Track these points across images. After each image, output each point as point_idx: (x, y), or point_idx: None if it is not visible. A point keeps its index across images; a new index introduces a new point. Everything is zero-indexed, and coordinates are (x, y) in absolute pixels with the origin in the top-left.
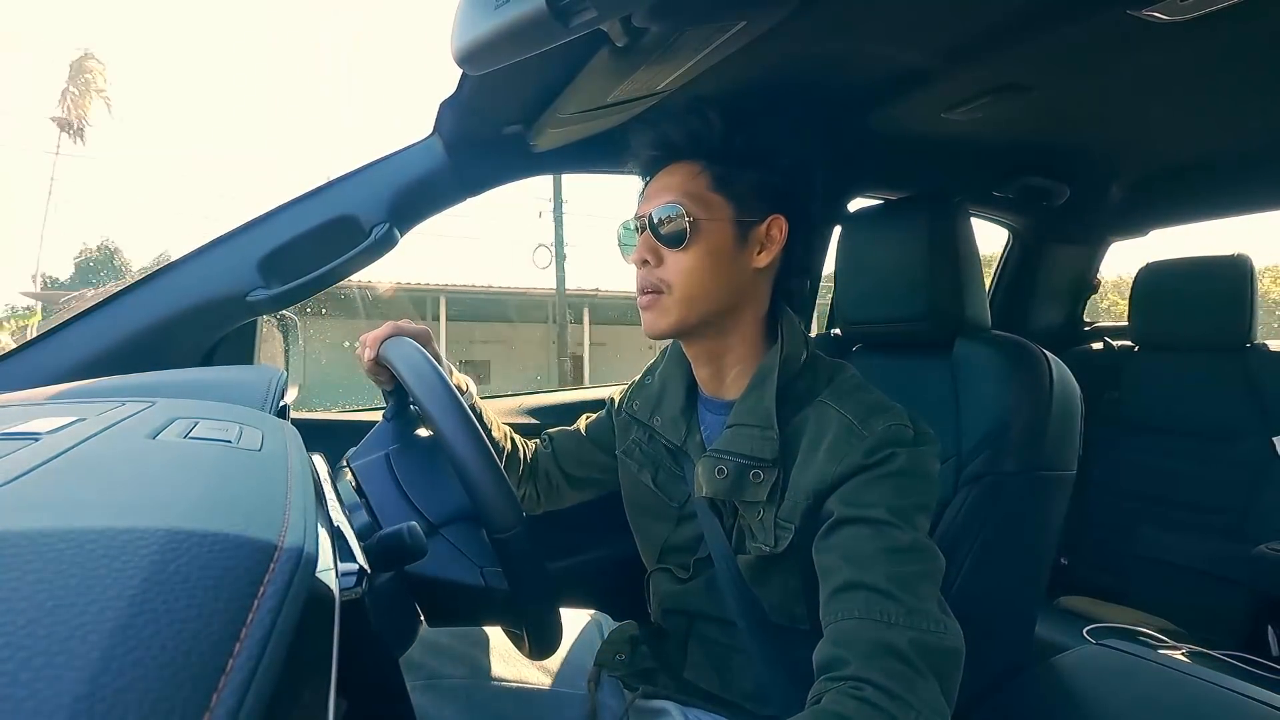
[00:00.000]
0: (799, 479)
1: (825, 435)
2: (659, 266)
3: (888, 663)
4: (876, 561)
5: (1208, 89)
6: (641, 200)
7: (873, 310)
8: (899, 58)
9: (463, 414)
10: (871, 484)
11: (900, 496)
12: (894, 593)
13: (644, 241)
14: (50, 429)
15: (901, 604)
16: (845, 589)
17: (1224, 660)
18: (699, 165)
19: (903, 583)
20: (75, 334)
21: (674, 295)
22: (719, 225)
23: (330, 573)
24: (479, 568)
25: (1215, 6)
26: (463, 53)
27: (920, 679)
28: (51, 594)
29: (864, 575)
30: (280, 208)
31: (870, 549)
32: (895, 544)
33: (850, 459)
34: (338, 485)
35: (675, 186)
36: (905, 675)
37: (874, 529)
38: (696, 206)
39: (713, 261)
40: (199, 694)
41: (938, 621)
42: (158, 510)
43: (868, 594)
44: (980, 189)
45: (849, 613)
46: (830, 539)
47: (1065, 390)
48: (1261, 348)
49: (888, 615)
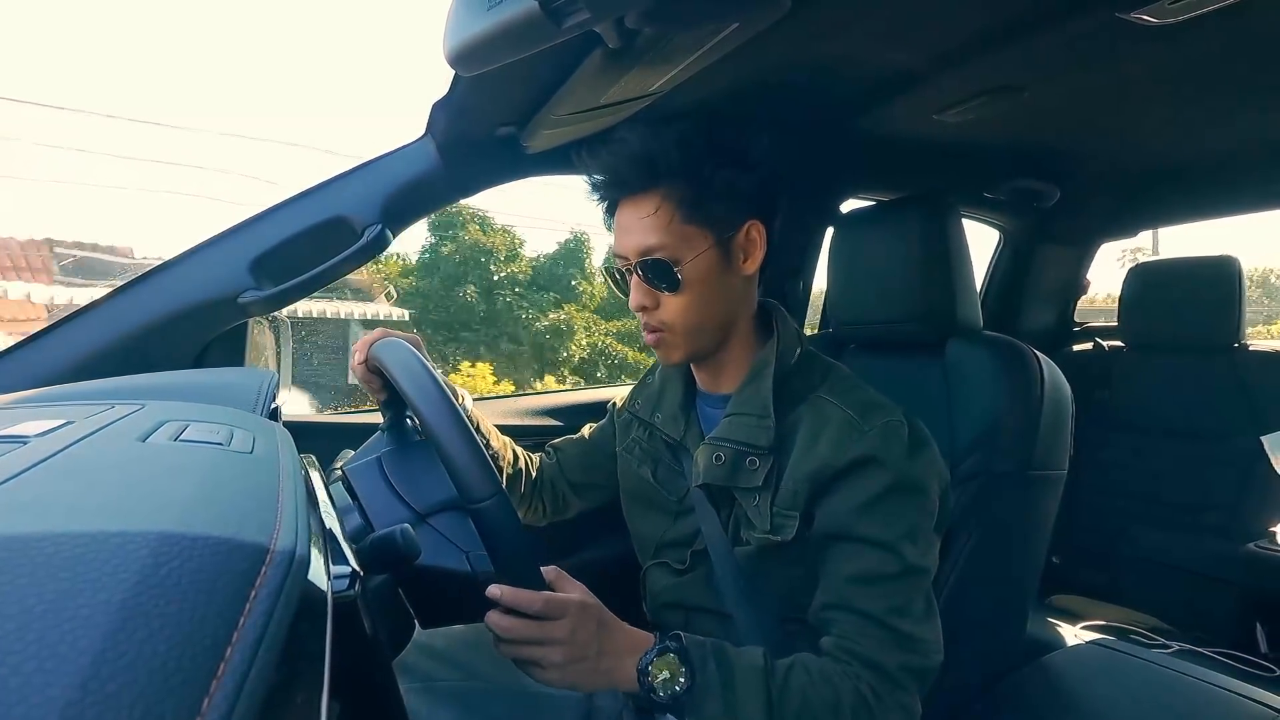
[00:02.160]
0: (797, 468)
1: (824, 428)
2: (657, 309)
3: (876, 675)
4: (873, 587)
5: (1197, 91)
6: (617, 234)
7: (865, 311)
8: (891, 60)
9: (440, 390)
10: (874, 501)
11: (899, 519)
12: (887, 621)
13: (638, 288)
14: (39, 432)
15: (893, 632)
16: (841, 608)
17: (1214, 658)
18: (664, 197)
19: (896, 610)
20: (65, 336)
21: (678, 333)
22: (704, 257)
23: (323, 575)
24: (464, 553)
25: (1204, 9)
26: (455, 53)
27: (901, 690)
28: (41, 598)
29: (859, 600)
30: (272, 209)
31: (868, 573)
32: (893, 571)
33: (851, 452)
34: (330, 488)
35: (648, 229)
36: (888, 685)
37: (875, 554)
38: (679, 245)
39: (707, 291)
40: (190, 698)
41: (924, 643)
42: (148, 513)
43: (861, 621)
44: (972, 190)
45: (844, 634)
46: (831, 550)
47: (1056, 390)
48: (1250, 348)
49: (879, 642)
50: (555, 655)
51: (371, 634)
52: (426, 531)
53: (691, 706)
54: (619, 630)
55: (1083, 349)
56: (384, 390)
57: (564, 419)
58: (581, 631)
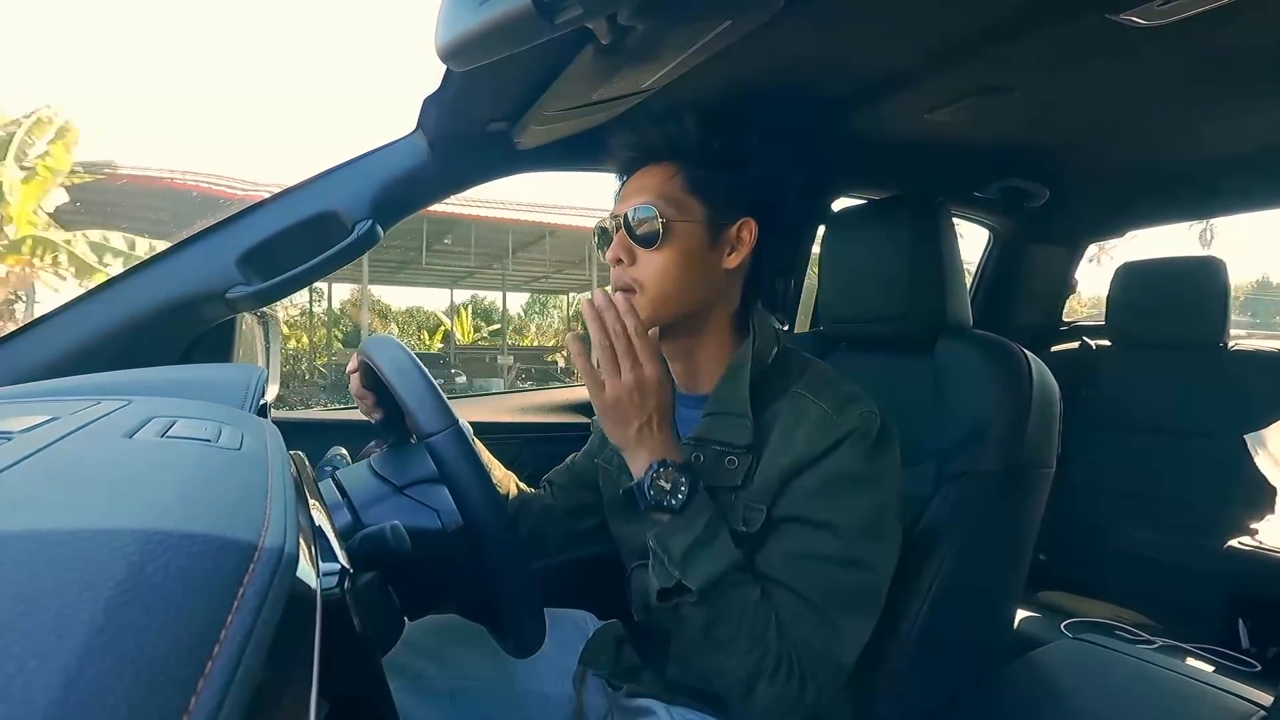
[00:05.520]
0: (771, 464)
1: (800, 424)
2: (632, 265)
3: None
4: (812, 567)
5: (1185, 92)
6: (618, 200)
7: (855, 309)
8: (882, 59)
9: (399, 345)
10: (830, 486)
11: (851, 508)
12: (818, 603)
13: (619, 241)
14: (23, 428)
15: (821, 616)
16: (776, 582)
17: (1197, 653)
18: (675, 167)
19: (830, 596)
20: (50, 330)
21: (646, 294)
22: (691, 227)
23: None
24: (435, 510)
25: (1192, 12)
26: (447, 49)
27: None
28: (25, 597)
29: (796, 579)
30: (261, 203)
31: (809, 551)
32: (834, 554)
33: (824, 445)
34: (319, 485)
35: (651, 188)
36: (798, 665)
37: (820, 535)
38: (670, 208)
39: (684, 261)
40: (177, 697)
41: (844, 640)
42: (134, 510)
43: (794, 598)
44: (962, 190)
45: (774, 596)
46: (780, 528)
47: (1044, 388)
48: (1234, 347)
49: (805, 623)
50: (612, 387)
51: (361, 631)
52: (401, 499)
53: (665, 526)
54: (665, 428)
55: (1070, 347)
56: (379, 408)
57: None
58: (641, 395)
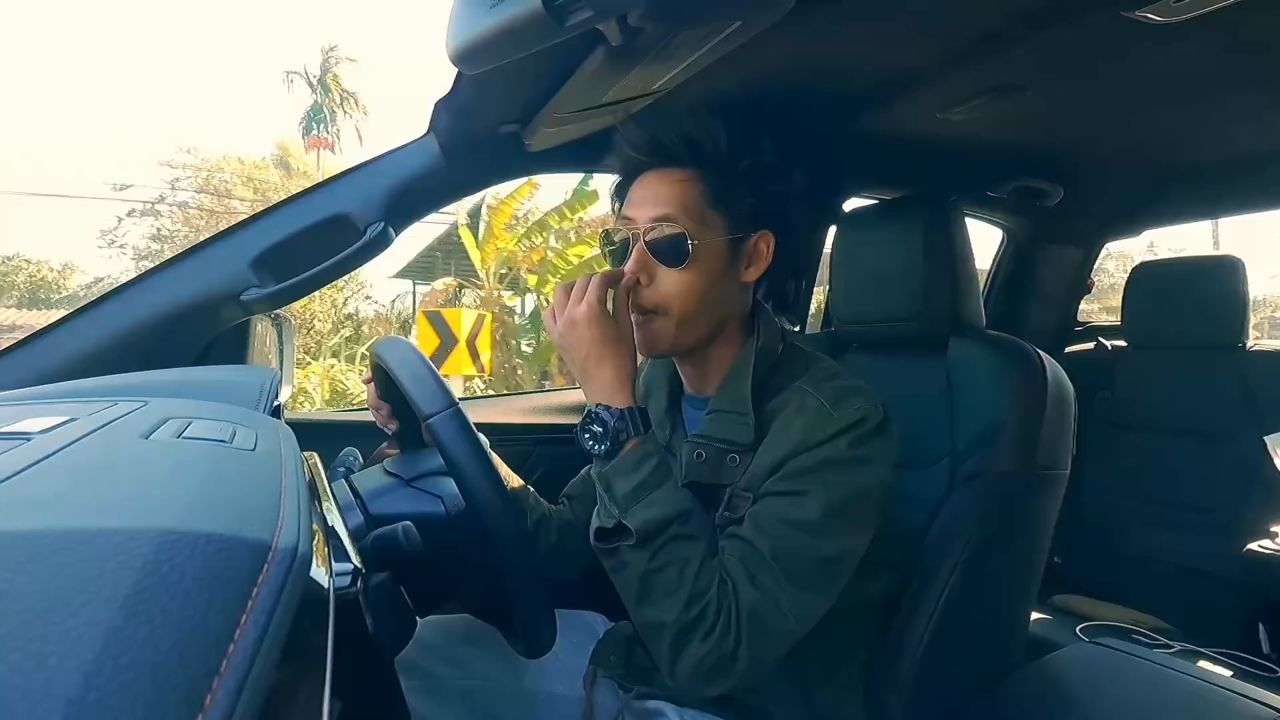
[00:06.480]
0: (766, 455)
1: (799, 417)
2: (650, 284)
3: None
4: (774, 527)
5: (1201, 90)
6: (627, 203)
7: (868, 309)
8: (895, 58)
9: (408, 343)
10: (816, 466)
11: (830, 487)
12: (771, 564)
13: (639, 257)
14: (42, 429)
15: (771, 576)
16: (738, 537)
17: (1216, 658)
18: (694, 176)
19: (784, 555)
20: (67, 333)
21: (672, 318)
22: (715, 245)
23: (325, 573)
24: (439, 497)
25: (1208, 8)
26: (458, 52)
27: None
28: (44, 595)
29: (758, 536)
30: (275, 206)
31: (776, 514)
32: (797, 519)
33: (817, 436)
34: (332, 486)
35: (671, 199)
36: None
37: (789, 500)
38: (694, 224)
39: (708, 280)
40: (193, 695)
41: (791, 600)
42: (151, 510)
43: (751, 554)
44: (975, 189)
45: (730, 551)
46: (759, 502)
47: (1059, 389)
48: (1254, 348)
49: (752, 580)
50: (550, 320)
51: (373, 631)
52: (408, 490)
53: (611, 466)
54: (608, 368)
55: (1086, 348)
56: (394, 419)
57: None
58: (574, 328)
